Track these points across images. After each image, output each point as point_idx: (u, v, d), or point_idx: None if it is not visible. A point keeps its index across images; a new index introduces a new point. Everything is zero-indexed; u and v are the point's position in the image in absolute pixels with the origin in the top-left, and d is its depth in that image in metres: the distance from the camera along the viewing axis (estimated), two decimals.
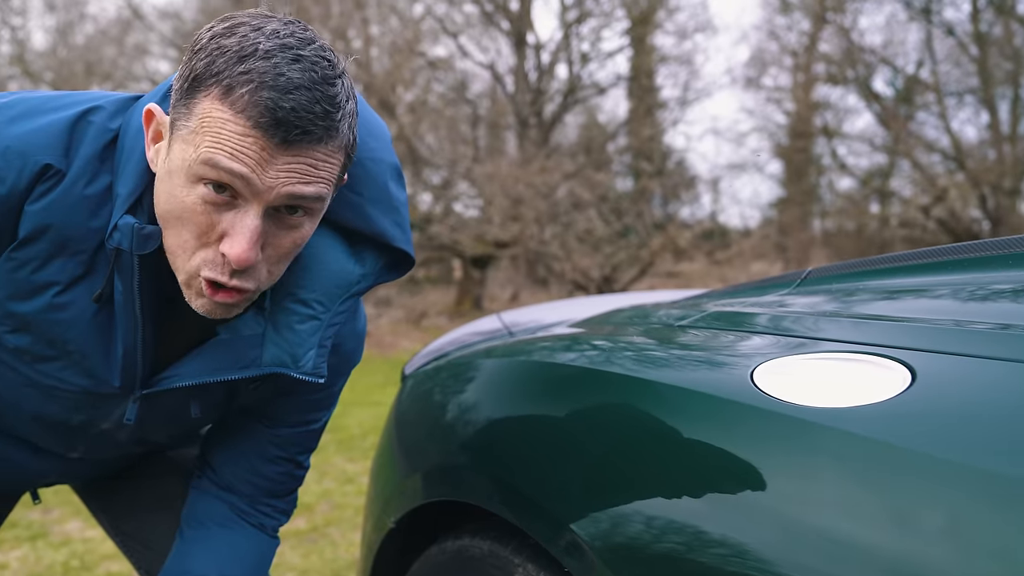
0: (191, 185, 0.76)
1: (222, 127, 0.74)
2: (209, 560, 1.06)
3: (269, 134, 0.74)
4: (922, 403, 0.69)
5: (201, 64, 0.75)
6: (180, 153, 0.77)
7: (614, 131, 16.16)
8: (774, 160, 18.67)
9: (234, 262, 0.77)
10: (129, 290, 0.85)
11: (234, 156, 0.74)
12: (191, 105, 0.76)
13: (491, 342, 1.46)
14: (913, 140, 14.63)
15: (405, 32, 13.18)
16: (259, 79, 0.73)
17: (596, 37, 15.07)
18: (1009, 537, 0.57)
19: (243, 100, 0.73)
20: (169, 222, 0.80)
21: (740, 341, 0.95)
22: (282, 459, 1.09)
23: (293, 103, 0.73)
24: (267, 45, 0.74)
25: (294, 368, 0.92)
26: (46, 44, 16.18)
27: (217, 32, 0.76)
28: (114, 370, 0.91)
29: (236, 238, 0.77)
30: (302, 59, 0.74)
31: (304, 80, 0.74)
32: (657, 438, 0.84)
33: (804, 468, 0.70)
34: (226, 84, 0.73)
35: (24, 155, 0.81)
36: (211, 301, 0.81)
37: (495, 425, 1.08)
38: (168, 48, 14.87)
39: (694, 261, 13.77)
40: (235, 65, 0.73)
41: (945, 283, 0.99)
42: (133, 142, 0.83)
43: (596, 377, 0.98)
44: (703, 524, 0.74)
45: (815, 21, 15.80)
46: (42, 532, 3.17)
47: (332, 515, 3.33)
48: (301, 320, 0.92)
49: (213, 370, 0.93)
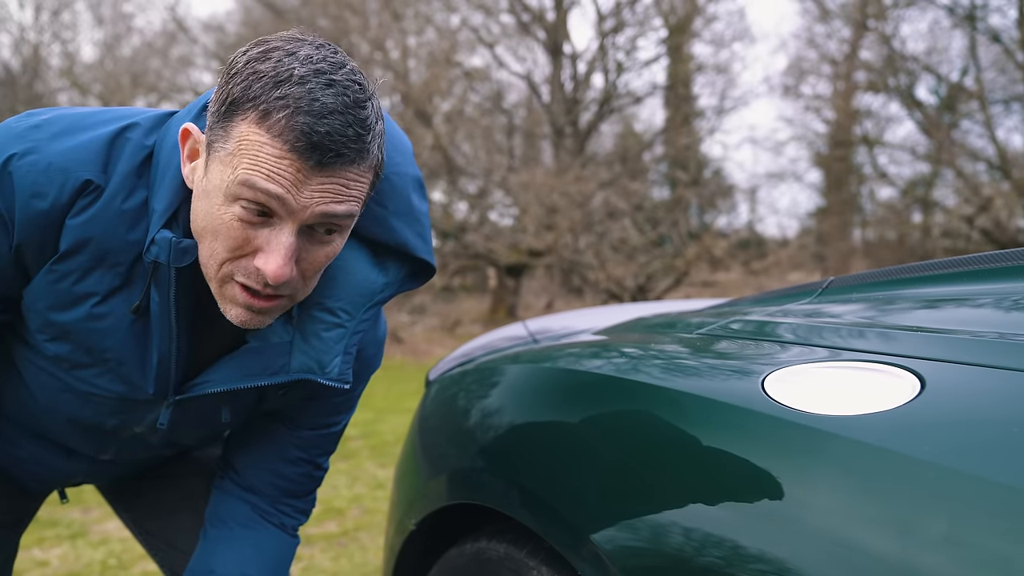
0: (228, 204, 0.80)
1: (259, 150, 0.77)
2: (233, 559, 1.09)
3: (305, 157, 0.77)
4: (930, 411, 0.69)
5: (238, 88, 0.78)
6: (218, 174, 0.80)
7: (650, 140, 16.10)
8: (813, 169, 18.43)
9: (270, 278, 0.80)
10: (165, 301, 0.89)
11: (270, 178, 0.77)
12: (228, 128, 0.79)
13: (517, 348, 1.48)
14: (957, 148, 14.34)
15: (442, 43, 13.30)
16: (295, 104, 0.76)
17: (632, 46, 15.05)
18: (1014, 547, 0.57)
19: (280, 124, 0.76)
20: (205, 237, 0.83)
21: (754, 350, 0.95)
22: (303, 460, 1.12)
23: (327, 127, 0.76)
24: (301, 71, 0.77)
25: (321, 375, 0.96)
26: (94, 57, 16.64)
27: (252, 56, 0.79)
28: (149, 377, 0.95)
29: (271, 255, 0.80)
30: (335, 84, 0.77)
31: (337, 104, 0.77)
32: (670, 445, 0.84)
33: (812, 475, 0.71)
34: (263, 108, 0.77)
35: (65, 171, 0.84)
36: (245, 310, 0.85)
37: (516, 430, 1.09)
38: (211, 60, 15.20)
39: (730, 271, 13.65)
40: (271, 90, 0.77)
41: (963, 293, 0.99)
42: (168, 159, 0.87)
43: (614, 384, 0.99)
44: (713, 530, 0.74)
45: (856, 29, 15.59)
46: (82, 531, 3.26)
47: (363, 520, 3.37)
48: (327, 328, 0.96)
49: (243, 376, 0.96)
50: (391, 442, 4.82)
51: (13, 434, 1.10)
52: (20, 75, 15.07)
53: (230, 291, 0.85)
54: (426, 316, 12.16)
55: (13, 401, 1.05)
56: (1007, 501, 0.59)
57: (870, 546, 0.63)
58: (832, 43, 16.36)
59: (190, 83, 15.40)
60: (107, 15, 16.18)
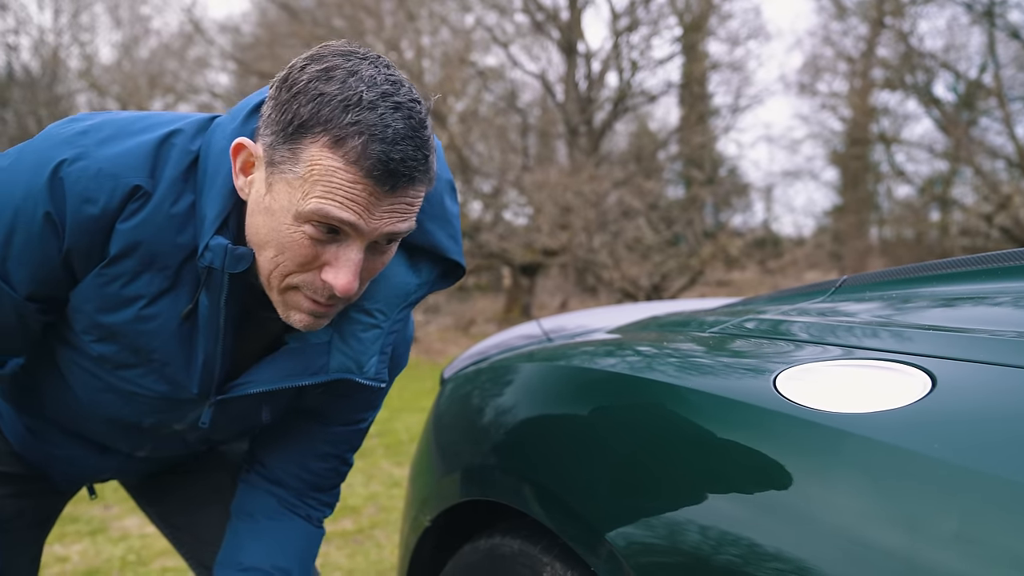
0: (298, 224, 0.82)
1: (333, 175, 0.80)
2: (260, 550, 1.11)
3: (380, 183, 0.80)
4: (942, 409, 0.70)
5: (305, 110, 0.80)
6: (285, 195, 0.82)
7: (665, 139, 16.05)
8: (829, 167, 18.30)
9: (339, 292, 0.84)
10: (215, 304, 0.91)
11: (344, 206, 0.80)
12: (297, 150, 0.81)
13: (531, 347, 1.49)
14: (975, 146, 14.20)
15: (456, 42, 13.32)
16: (369, 131, 0.78)
17: (646, 45, 15.00)
18: (1020, 542, 0.57)
19: (355, 151, 0.79)
20: (267, 249, 0.86)
21: (767, 348, 0.96)
22: (331, 456, 1.14)
23: (401, 154, 0.80)
24: (369, 95, 0.79)
25: (359, 374, 1.00)
26: (112, 58, 16.79)
27: (314, 75, 0.81)
28: (194, 377, 0.97)
29: (341, 271, 0.84)
30: (401, 107, 0.80)
31: (406, 129, 0.80)
32: (683, 442, 0.85)
33: (823, 473, 0.71)
34: (335, 134, 0.79)
35: (115, 177, 0.85)
36: (309, 316, 0.89)
37: (530, 427, 1.10)
38: (227, 61, 15.30)
39: (746, 270, 13.59)
40: (341, 115, 0.79)
41: (976, 292, 0.99)
42: (216, 165, 0.88)
43: (628, 382, 0.99)
44: (725, 527, 0.75)
45: (872, 26, 15.47)
46: (102, 527, 3.30)
47: (378, 517, 3.39)
48: (365, 329, 0.99)
49: (284, 377, 0.98)
50: (406, 441, 4.85)
51: (50, 433, 1.12)
52: (40, 77, 15.23)
53: (294, 299, 0.88)
54: (440, 315, 12.19)
55: (53, 401, 1.07)
56: (1017, 498, 0.59)
57: (881, 543, 0.63)
58: (848, 40, 16.25)
59: (207, 84, 15.51)
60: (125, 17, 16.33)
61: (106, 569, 2.86)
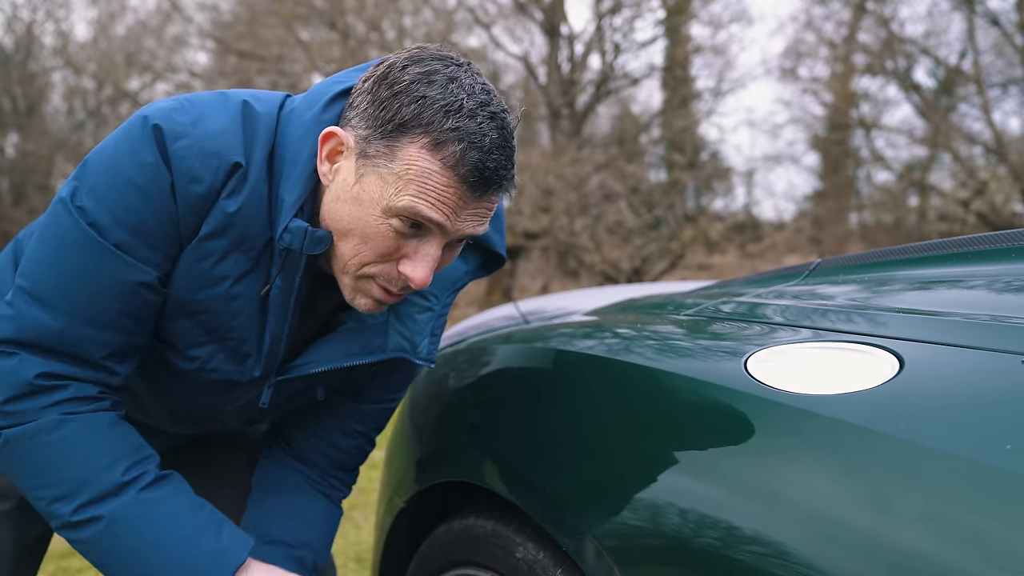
0: (385, 217, 0.86)
1: (428, 177, 0.83)
2: (286, 524, 1.11)
3: (472, 188, 0.85)
4: (908, 391, 0.70)
5: (408, 111, 0.83)
6: (377, 188, 0.85)
7: (647, 122, 16.04)
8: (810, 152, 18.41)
9: (415, 284, 0.88)
10: (289, 285, 0.94)
11: (434, 206, 0.84)
12: (394, 147, 0.84)
13: (508, 328, 1.49)
14: (954, 132, 14.32)
15: (438, 23, 13.21)
16: (468, 139, 0.83)
17: (630, 27, 14.95)
18: (988, 521, 0.58)
19: (454, 157, 0.83)
20: (350, 238, 0.89)
21: (739, 330, 0.96)
22: (359, 434, 1.16)
23: (495, 163, 0.85)
24: (469, 104, 0.84)
25: (413, 354, 1.04)
26: (88, 36, 16.52)
27: (415, 76, 0.85)
28: (262, 357, 0.99)
29: (419, 265, 0.88)
30: (496, 117, 0.85)
31: (500, 140, 0.85)
32: (655, 424, 0.86)
33: (791, 453, 0.72)
34: (435, 137, 0.83)
35: (219, 155, 0.87)
36: (375, 302, 0.92)
37: (504, 408, 1.11)
38: (206, 39, 15.08)
39: (726, 254, 13.66)
40: (443, 120, 0.82)
41: (947, 275, 1.00)
42: (296, 150, 0.90)
43: (602, 364, 1.00)
44: (695, 506, 0.76)
45: (854, 11, 15.51)
46: None
47: (357, 499, 3.39)
48: (420, 311, 1.04)
49: (344, 356, 1.01)
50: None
51: None
52: (13, 54, 14.95)
53: (365, 286, 0.91)
54: None
55: None
56: (980, 478, 0.60)
57: (847, 521, 0.64)
58: (830, 25, 16.28)
59: (185, 63, 15.29)
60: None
61: None
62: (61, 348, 0.89)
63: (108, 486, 0.89)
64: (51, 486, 0.90)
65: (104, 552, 0.90)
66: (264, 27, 12.68)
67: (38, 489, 0.91)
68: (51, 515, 0.91)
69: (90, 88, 15.77)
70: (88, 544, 0.91)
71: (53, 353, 0.89)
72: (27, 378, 0.88)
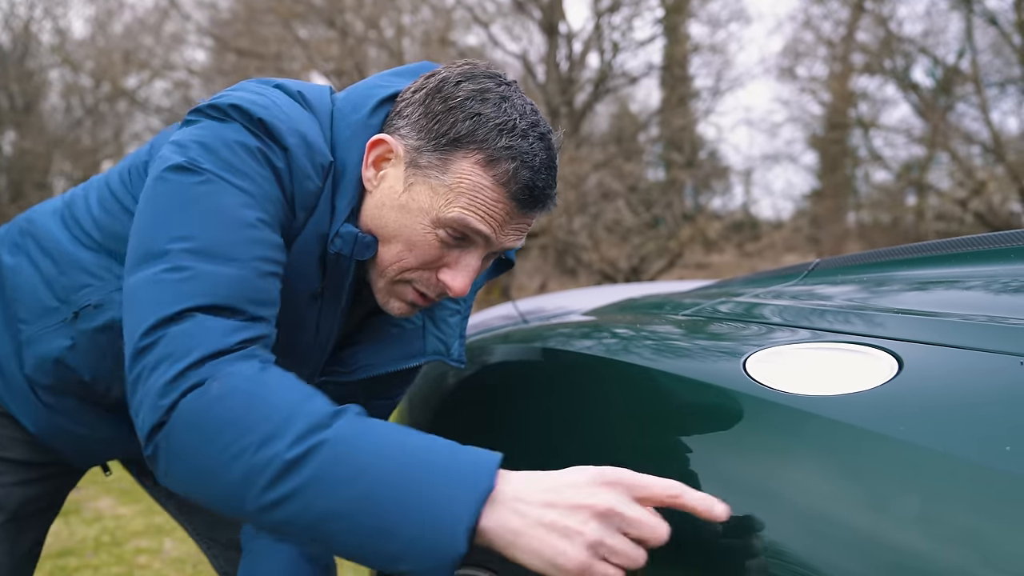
0: (433, 227, 0.88)
1: (480, 192, 0.86)
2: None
3: (520, 205, 0.88)
4: (907, 392, 0.70)
5: (464, 127, 0.86)
6: (427, 198, 0.87)
7: (645, 121, 16.04)
8: (808, 151, 18.43)
9: (454, 293, 0.90)
10: (338, 289, 0.95)
11: (483, 219, 0.87)
12: (447, 161, 0.86)
13: (506, 328, 1.49)
14: (951, 131, 14.33)
15: (437, 21, 13.21)
16: (521, 158, 0.86)
17: (628, 26, 14.94)
18: (985, 522, 0.58)
19: (506, 174, 0.85)
20: (394, 244, 0.90)
21: (738, 331, 0.96)
22: None
23: (543, 183, 0.88)
24: (522, 124, 0.86)
25: (447, 356, 1.07)
26: (86, 33, 16.49)
27: (470, 93, 0.87)
28: (310, 359, 1.00)
29: (459, 274, 0.90)
30: (544, 138, 0.88)
31: (548, 160, 0.88)
32: (654, 424, 0.86)
33: (790, 453, 0.72)
34: (489, 153, 0.85)
35: (323, 154, 0.89)
36: (408, 306, 0.94)
37: (503, 408, 1.11)
38: (204, 37, 15.06)
39: (724, 252, 13.67)
40: (497, 138, 0.85)
41: (945, 276, 1.00)
42: (345, 154, 0.91)
43: (601, 364, 1.00)
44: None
45: (852, 10, 15.52)
46: (75, 508, 3.28)
47: None
48: (452, 314, 1.08)
49: (390, 361, 1.04)
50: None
51: (76, 410, 1.08)
52: (11, 51, 14.92)
53: (401, 290, 0.93)
54: None
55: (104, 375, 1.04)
56: (978, 478, 0.60)
57: (846, 521, 0.64)
58: (828, 24, 16.29)
59: (183, 60, 15.28)
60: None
61: (80, 550, 2.84)
62: (247, 304, 0.81)
63: (319, 416, 0.73)
64: (253, 430, 0.72)
65: (334, 488, 0.70)
66: (262, 25, 12.67)
67: (236, 443, 0.72)
68: (258, 467, 0.71)
69: (88, 86, 15.75)
70: (311, 490, 0.70)
71: (242, 313, 0.80)
72: (229, 344, 0.77)
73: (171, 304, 0.77)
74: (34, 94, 15.18)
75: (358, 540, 0.69)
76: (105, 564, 2.71)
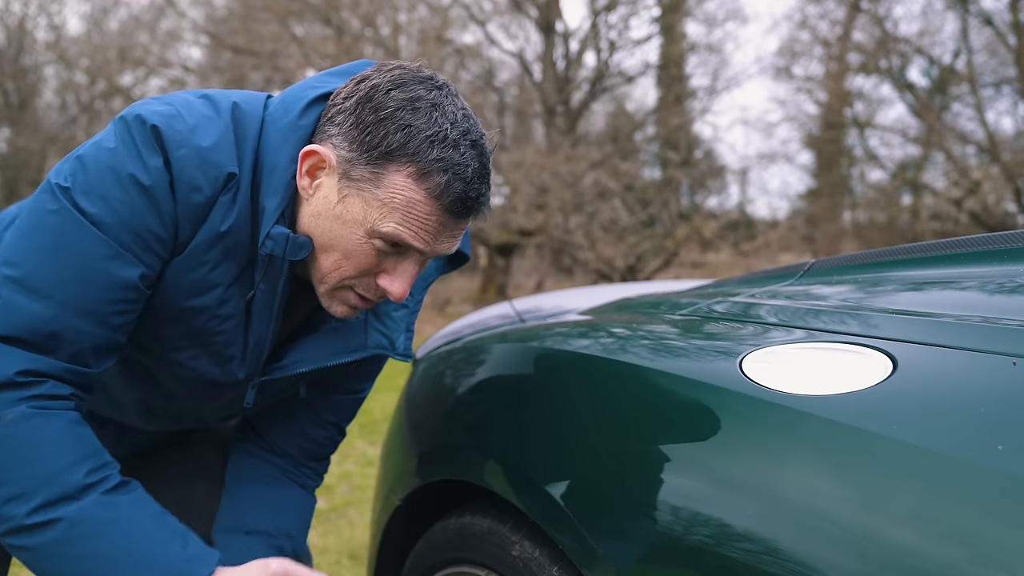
0: (368, 238, 0.89)
1: (412, 207, 0.87)
2: (263, 514, 1.12)
3: (454, 215, 0.89)
4: (901, 392, 0.71)
5: (395, 139, 0.86)
6: (360, 210, 0.88)
7: (642, 120, 16.05)
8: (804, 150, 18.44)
9: (394, 298, 0.93)
10: (272, 290, 0.96)
11: (417, 234, 0.88)
12: (380, 174, 0.87)
13: (504, 327, 1.49)
14: (947, 131, 14.36)
15: (433, 20, 13.19)
16: (452, 170, 0.86)
17: (625, 25, 14.94)
18: (978, 521, 0.59)
19: (439, 188, 0.86)
20: (330, 252, 0.92)
21: (734, 331, 0.97)
22: (331, 424, 1.18)
23: (476, 192, 0.89)
24: (453, 134, 0.87)
25: (391, 350, 1.07)
26: (81, 30, 16.43)
27: (400, 103, 0.87)
28: (247, 359, 1.00)
29: (397, 281, 0.92)
30: (476, 145, 0.89)
31: (481, 168, 0.89)
32: (651, 423, 0.86)
33: (785, 452, 0.73)
34: (421, 166, 0.86)
35: (218, 166, 0.88)
36: (350, 309, 0.96)
37: (500, 407, 1.11)
38: (199, 34, 15.02)
39: (720, 252, 13.68)
40: (428, 150, 0.86)
41: (940, 277, 1.00)
42: (274, 158, 0.92)
43: (598, 364, 1.00)
44: (691, 505, 0.76)
45: (849, 9, 15.53)
46: None
47: (351, 496, 3.39)
48: (396, 308, 1.08)
49: (329, 355, 1.04)
50: (380, 420, 4.85)
51: None
52: (6, 48, 14.86)
53: (343, 295, 0.95)
54: None
55: None
56: (971, 478, 0.61)
57: (841, 520, 0.65)
58: (825, 24, 16.31)
59: (179, 58, 15.23)
60: None
61: None
62: (46, 341, 0.86)
63: (70, 487, 0.83)
64: (6, 484, 0.83)
65: (60, 560, 0.83)
66: (258, 22, 12.63)
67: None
68: (2, 518, 0.83)
69: (83, 83, 15.70)
70: (40, 552, 0.83)
71: (36, 347, 0.86)
72: (8, 375, 0.84)
73: None
74: (29, 91, 15.14)
75: None
76: None
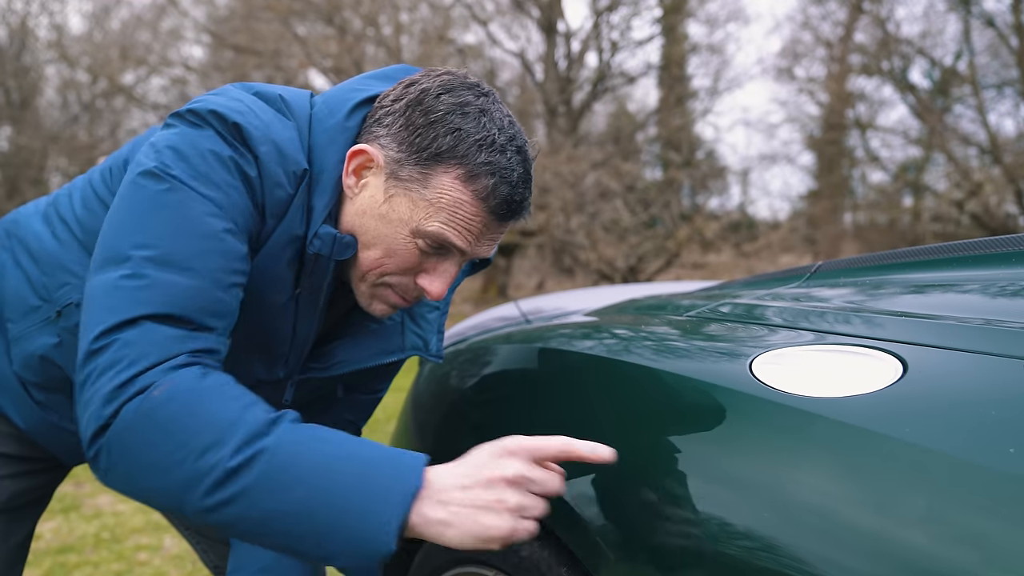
0: (412, 237, 0.90)
1: (459, 207, 0.88)
2: None
3: (498, 217, 0.90)
4: (912, 394, 0.71)
5: (445, 142, 0.87)
6: (407, 209, 0.90)
7: (643, 120, 16.05)
8: (805, 152, 18.44)
9: (432, 297, 0.94)
10: (318, 289, 0.96)
11: (461, 234, 0.90)
12: (428, 175, 0.88)
13: (509, 328, 1.50)
14: (948, 133, 14.36)
15: (435, 19, 13.20)
16: (500, 173, 0.88)
17: (627, 25, 14.95)
18: (989, 524, 0.59)
19: (485, 190, 0.88)
20: (373, 250, 0.92)
21: (743, 332, 0.97)
22: (350, 423, 1.19)
23: (521, 196, 0.91)
24: (501, 139, 0.89)
25: (426, 351, 1.10)
26: (83, 29, 16.43)
27: (450, 107, 0.89)
28: (290, 357, 1.01)
29: (437, 281, 0.94)
30: (521, 151, 0.91)
31: (524, 173, 0.91)
32: (660, 425, 0.86)
33: (797, 455, 0.73)
34: (469, 169, 0.87)
35: (296, 162, 0.90)
36: (389, 307, 0.97)
37: (507, 408, 1.11)
38: (201, 33, 15.02)
39: (721, 253, 13.68)
40: (476, 153, 0.87)
41: (947, 279, 1.01)
42: (322, 157, 0.92)
43: (605, 365, 1.01)
44: (702, 508, 0.76)
45: (850, 11, 15.54)
46: (75, 505, 3.28)
47: None
48: (430, 310, 1.11)
49: (368, 356, 1.06)
50: (383, 420, 4.85)
51: (72, 411, 1.08)
52: (7, 47, 14.87)
53: (382, 293, 0.95)
54: None
55: None
56: (982, 480, 0.61)
57: (851, 522, 0.65)
58: (827, 25, 16.31)
59: (180, 57, 15.23)
60: None
61: (80, 546, 2.84)
62: (200, 315, 0.82)
63: (258, 424, 0.76)
64: (196, 436, 0.75)
65: (273, 495, 0.74)
66: (260, 22, 12.64)
67: (179, 448, 0.75)
68: (199, 472, 0.74)
69: (84, 81, 15.71)
70: (253, 496, 0.74)
71: (194, 324, 0.82)
72: (175, 352, 0.79)
73: (125, 311, 0.79)
74: (30, 90, 15.14)
75: (294, 540, 0.75)
76: (105, 561, 2.71)
